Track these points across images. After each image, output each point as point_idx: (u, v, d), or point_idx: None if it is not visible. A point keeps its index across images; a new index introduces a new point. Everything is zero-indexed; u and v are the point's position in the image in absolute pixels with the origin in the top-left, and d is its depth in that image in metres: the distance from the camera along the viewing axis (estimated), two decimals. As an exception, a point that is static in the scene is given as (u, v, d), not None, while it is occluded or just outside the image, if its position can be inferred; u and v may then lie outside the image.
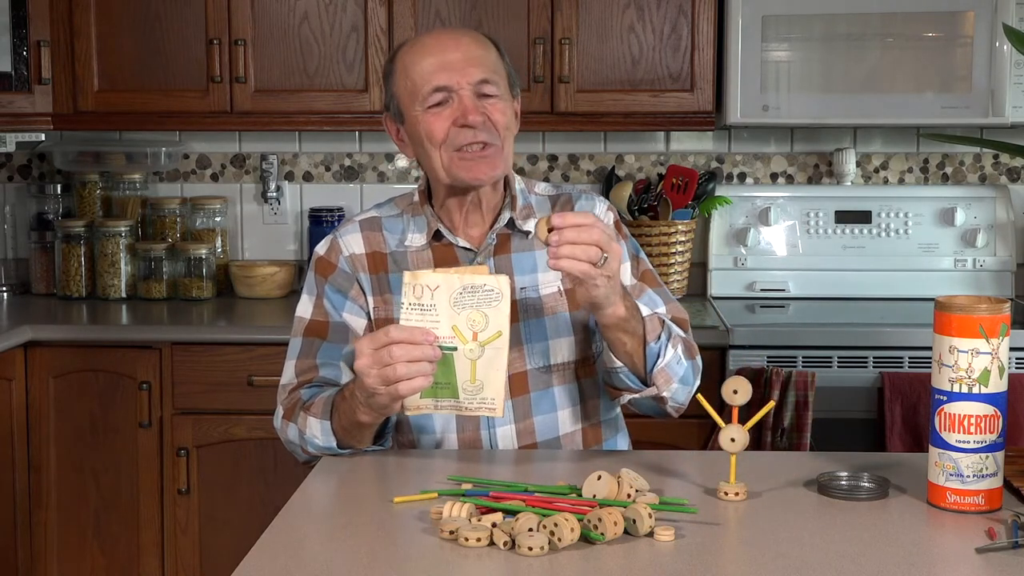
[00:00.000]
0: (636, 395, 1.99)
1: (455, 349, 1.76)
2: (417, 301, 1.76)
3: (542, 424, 2.04)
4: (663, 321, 1.98)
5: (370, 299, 2.05)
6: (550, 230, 1.76)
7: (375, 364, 1.74)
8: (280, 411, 2.02)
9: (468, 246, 2.06)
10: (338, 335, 2.03)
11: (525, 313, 2.03)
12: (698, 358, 2.07)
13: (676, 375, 1.98)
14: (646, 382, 1.98)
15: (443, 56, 1.99)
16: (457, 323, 1.75)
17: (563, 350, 2.05)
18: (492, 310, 1.75)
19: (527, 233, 2.07)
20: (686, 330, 2.09)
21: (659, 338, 1.94)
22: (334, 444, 1.93)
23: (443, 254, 2.05)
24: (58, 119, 3.42)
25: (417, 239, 2.06)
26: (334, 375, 2.01)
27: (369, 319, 2.05)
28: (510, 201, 2.07)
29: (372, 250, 2.07)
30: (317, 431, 1.93)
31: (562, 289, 2.06)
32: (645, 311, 1.97)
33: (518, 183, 2.11)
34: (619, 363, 1.95)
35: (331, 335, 2.03)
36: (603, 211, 2.13)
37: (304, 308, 2.08)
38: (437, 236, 2.07)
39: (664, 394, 1.98)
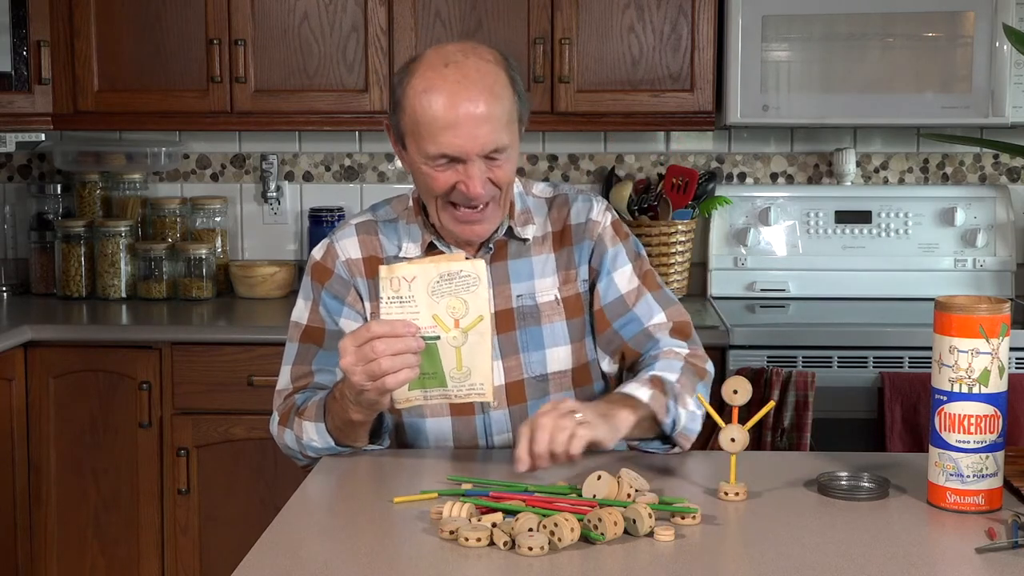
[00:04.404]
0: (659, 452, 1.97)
1: (438, 338, 1.75)
2: (396, 294, 1.75)
3: None
4: (661, 380, 1.92)
5: (367, 304, 2.03)
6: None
7: (359, 361, 1.73)
8: (276, 416, 2.01)
9: (464, 255, 2.03)
10: (334, 342, 2.00)
11: (522, 321, 2.01)
12: (708, 365, 2.04)
13: (695, 431, 1.95)
14: (666, 440, 1.95)
15: (455, 114, 1.84)
16: (437, 312, 1.75)
17: (560, 359, 2.02)
18: (471, 295, 1.75)
19: (525, 240, 2.04)
20: (688, 335, 2.05)
21: (668, 409, 1.90)
22: (332, 443, 1.93)
23: None
24: (58, 119, 3.42)
25: (411, 249, 2.02)
26: (329, 381, 2.00)
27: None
28: (508, 208, 2.02)
29: (369, 254, 2.04)
30: (313, 434, 1.93)
31: (559, 297, 2.03)
32: (634, 328, 2.00)
33: (516, 186, 2.05)
34: (635, 440, 1.94)
35: (327, 342, 2.02)
36: (601, 211, 2.08)
37: (300, 313, 2.05)
38: (432, 246, 2.03)
39: (687, 446, 1.96)
